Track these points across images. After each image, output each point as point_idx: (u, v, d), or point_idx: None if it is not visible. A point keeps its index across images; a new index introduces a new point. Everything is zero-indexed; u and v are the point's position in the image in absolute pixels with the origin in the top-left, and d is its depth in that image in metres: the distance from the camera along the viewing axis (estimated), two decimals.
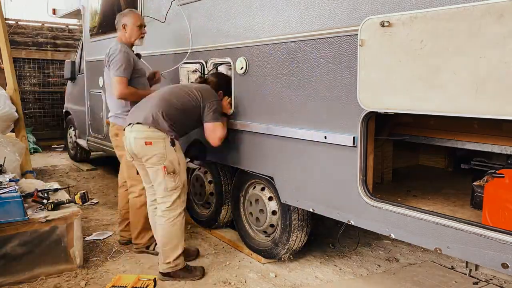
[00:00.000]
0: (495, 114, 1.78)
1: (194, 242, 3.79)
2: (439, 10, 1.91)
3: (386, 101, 2.15)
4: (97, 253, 3.54)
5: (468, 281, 3.06)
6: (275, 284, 3.05)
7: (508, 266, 1.87)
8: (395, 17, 2.05)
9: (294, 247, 3.25)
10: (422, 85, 1.98)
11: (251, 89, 3.14)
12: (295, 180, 2.86)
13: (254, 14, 3.05)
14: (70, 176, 6.47)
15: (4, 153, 4.22)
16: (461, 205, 2.51)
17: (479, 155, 2.77)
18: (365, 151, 2.41)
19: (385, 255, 3.57)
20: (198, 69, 3.62)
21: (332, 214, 2.65)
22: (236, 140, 3.33)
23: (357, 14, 2.34)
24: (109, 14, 5.05)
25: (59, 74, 9.37)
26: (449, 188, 2.89)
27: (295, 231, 3.16)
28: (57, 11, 6.89)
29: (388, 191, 2.83)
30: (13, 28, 9.01)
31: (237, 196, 3.60)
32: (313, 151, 2.70)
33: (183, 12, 3.74)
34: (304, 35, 2.67)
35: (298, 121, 2.79)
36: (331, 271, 3.26)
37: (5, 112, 4.95)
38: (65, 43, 9.65)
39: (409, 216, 2.22)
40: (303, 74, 2.71)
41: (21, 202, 2.95)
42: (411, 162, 3.77)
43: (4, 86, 5.43)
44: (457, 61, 1.85)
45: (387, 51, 2.10)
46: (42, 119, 9.41)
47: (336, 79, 2.51)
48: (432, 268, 3.32)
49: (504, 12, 1.69)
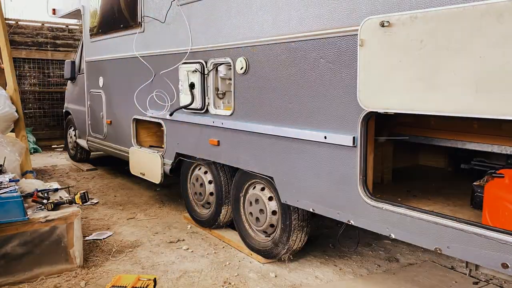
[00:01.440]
0: (495, 114, 1.78)
1: (194, 242, 3.79)
2: (439, 10, 1.91)
3: (386, 101, 2.15)
4: (97, 253, 3.54)
5: (468, 281, 3.06)
6: (275, 284, 3.05)
7: (508, 266, 1.87)
8: (395, 17, 2.05)
9: (294, 247, 3.25)
10: (422, 85, 1.98)
11: (251, 89, 3.14)
12: (295, 180, 2.86)
13: (254, 14, 3.05)
14: (70, 176, 6.47)
15: (4, 153, 4.22)
16: (461, 205, 2.51)
17: (479, 155, 2.77)
18: (365, 151, 2.41)
19: (385, 255, 3.57)
20: (198, 69, 3.62)
21: (332, 214, 2.65)
22: (236, 140, 3.33)
23: (357, 14, 2.34)
24: (109, 14, 5.05)
25: (59, 74, 9.37)
26: (449, 188, 2.89)
27: (295, 231, 3.15)
28: (57, 11, 6.89)
29: (388, 191, 2.83)
30: (13, 28, 9.00)
31: (237, 196, 3.60)
32: (313, 151, 2.70)
33: (183, 12, 3.74)
34: (304, 35, 2.67)
35: (298, 121, 2.79)
36: (331, 271, 3.26)
37: (5, 112, 4.95)
38: (65, 43, 9.64)
39: (409, 216, 2.22)
40: (303, 74, 2.71)
41: (21, 202, 2.95)
42: (411, 162, 3.77)
43: (4, 86, 5.43)
44: (457, 61, 1.85)
45: (387, 51, 2.10)
46: (42, 119, 9.41)
47: (336, 79, 2.51)
48: (432, 268, 3.32)
49: (504, 12, 1.69)
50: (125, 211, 4.74)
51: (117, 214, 4.61)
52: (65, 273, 3.11)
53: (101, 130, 5.59)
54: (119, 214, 4.64)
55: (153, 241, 3.83)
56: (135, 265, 3.35)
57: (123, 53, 4.79)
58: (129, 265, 3.35)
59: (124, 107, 4.90)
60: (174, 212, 4.67)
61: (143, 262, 3.40)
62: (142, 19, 4.36)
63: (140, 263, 3.38)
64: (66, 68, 6.83)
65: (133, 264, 3.37)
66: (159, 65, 4.09)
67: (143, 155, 4.59)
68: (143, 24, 4.36)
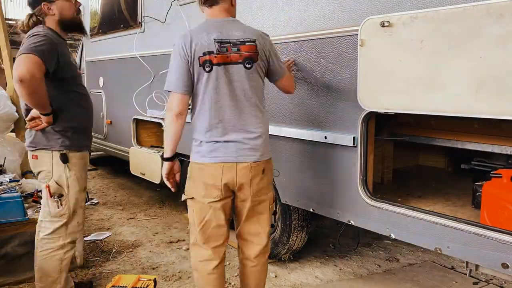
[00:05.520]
0: (495, 114, 1.78)
1: None
2: (439, 10, 1.91)
3: (386, 101, 2.14)
4: (97, 253, 3.54)
5: (468, 281, 3.06)
6: (275, 284, 3.05)
7: (508, 266, 1.87)
8: (395, 17, 2.05)
9: (294, 247, 3.25)
10: (422, 85, 1.98)
11: None
12: (295, 180, 2.86)
13: (254, 14, 3.05)
14: None
15: (4, 153, 4.22)
16: (461, 205, 2.51)
17: (479, 155, 2.77)
18: (365, 151, 2.41)
19: (385, 255, 3.57)
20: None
21: (332, 214, 2.65)
22: None
23: (357, 14, 2.34)
24: (109, 14, 5.05)
25: None
26: (449, 188, 2.89)
27: (295, 231, 3.15)
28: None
29: (388, 191, 2.83)
30: (13, 28, 8.99)
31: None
32: (313, 151, 2.70)
33: (183, 12, 3.74)
34: (304, 35, 2.67)
35: (298, 121, 2.79)
36: (331, 271, 3.26)
37: (5, 112, 4.94)
38: None
39: (409, 216, 2.22)
40: (303, 74, 2.71)
41: (21, 202, 2.95)
42: (411, 162, 3.76)
43: (4, 86, 5.43)
44: (457, 61, 1.85)
45: (387, 51, 2.09)
46: None
47: (336, 79, 2.51)
48: (432, 268, 3.32)
49: (504, 12, 1.69)
50: (125, 211, 4.74)
51: (117, 214, 4.61)
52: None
53: (101, 130, 5.59)
54: (119, 214, 4.64)
55: (153, 241, 3.83)
56: (135, 265, 3.35)
57: (123, 53, 4.79)
58: (129, 265, 3.35)
59: (124, 107, 4.90)
60: (174, 212, 4.67)
61: (143, 262, 3.40)
62: (142, 19, 4.36)
63: (140, 263, 3.38)
64: None
65: (133, 264, 3.37)
66: (160, 65, 4.09)
67: (143, 155, 4.59)
68: (143, 24, 4.36)
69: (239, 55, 2.11)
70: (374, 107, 2.23)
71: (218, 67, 2.08)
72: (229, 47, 2.10)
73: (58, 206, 2.43)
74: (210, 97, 2.10)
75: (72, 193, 2.47)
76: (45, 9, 2.42)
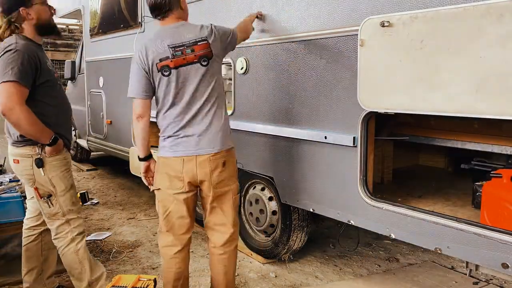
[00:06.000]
0: (495, 114, 1.78)
1: (194, 242, 3.79)
2: (439, 10, 1.91)
3: (386, 101, 2.15)
4: (97, 253, 3.54)
5: (468, 281, 3.06)
6: (275, 284, 3.05)
7: (508, 266, 1.87)
8: (395, 17, 2.05)
9: (294, 247, 3.25)
10: (422, 85, 1.98)
11: (252, 89, 3.13)
12: (295, 180, 2.86)
13: None
14: None
15: (4, 153, 4.23)
16: (461, 205, 2.51)
17: (479, 155, 2.77)
18: (365, 151, 2.41)
19: (385, 255, 3.57)
20: None
21: (332, 214, 2.65)
22: (236, 140, 3.32)
23: (357, 14, 2.34)
24: (109, 14, 5.05)
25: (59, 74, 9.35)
26: (449, 188, 2.89)
27: (295, 231, 3.15)
28: (57, 11, 6.89)
29: (388, 191, 2.83)
30: None
31: None
32: (313, 151, 2.70)
33: None
34: (304, 35, 2.67)
35: (298, 121, 2.79)
36: (331, 271, 3.26)
37: None
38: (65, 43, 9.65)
39: (409, 216, 2.22)
40: (303, 74, 2.71)
41: (21, 202, 2.95)
42: (411, 162, 3.76)
43: None
44: (457, 61, 1.86)
45: (387, 51, 2.10)
46: None
47: (336, 79, 2.51)
48: (432, 268, 3.31)
49: (504, 12, 1.69)
50: (125, 211, 4.74)
51: (117, 214, 4.62)
52: (65, 273, 3.11)
53: (101, 130, 5.59)
54: (119, 214, 4.64)
55: (153, 241, 3.83)
56: (135, 265, 3.35)
57: (124, 53, 4.79)
58: (129, 265, 3.35)
59: (124, 107, 4.89)
60: None
61: (143, 262, 3.40)
62: (143, 19, 4.36)
63: (140, 263, 3.39)
64: (66, 68, 6.83)
65: (133, 264, 3.37)
66: None
67: None
68: (143, 24, 4.36)
69: (194, 55, 2.26)
70: (374, 107, 2.23)
71: (175, 70, 2.24)
72: (183, 49, 2.24)
73: (49, 206, 2.49)
74: (170, 97, 2.28)
75: (60, 192, 2.49)
76: (24, 14, 2.37)
